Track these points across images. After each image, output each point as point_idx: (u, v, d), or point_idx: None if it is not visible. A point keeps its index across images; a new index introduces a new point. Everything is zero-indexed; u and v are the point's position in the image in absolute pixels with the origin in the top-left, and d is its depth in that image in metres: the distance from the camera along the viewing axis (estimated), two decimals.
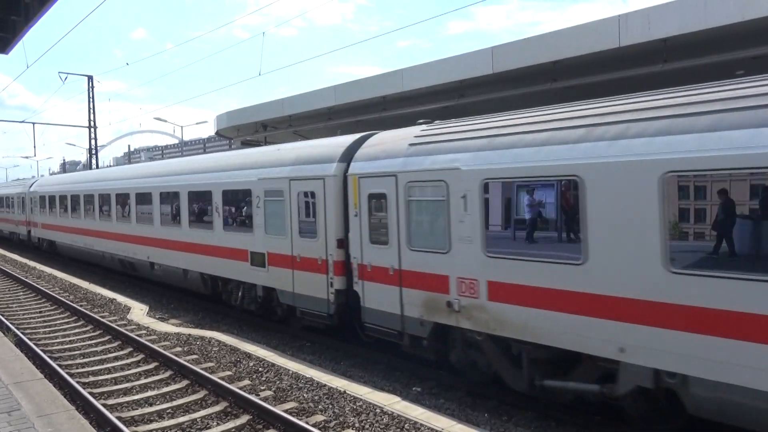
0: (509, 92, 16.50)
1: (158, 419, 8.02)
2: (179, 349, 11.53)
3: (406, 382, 10.00)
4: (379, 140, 10.28)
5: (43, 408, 6.57)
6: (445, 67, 17.35)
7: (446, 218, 8.40)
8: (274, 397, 8.65)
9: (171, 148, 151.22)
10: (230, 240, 13.53)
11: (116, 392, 9.17)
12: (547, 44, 14.71)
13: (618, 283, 6.53)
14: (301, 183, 11.23)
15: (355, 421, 7.57)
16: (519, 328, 7.59)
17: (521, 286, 7.50)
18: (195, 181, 15.14)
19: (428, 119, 10.11)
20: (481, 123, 8.60)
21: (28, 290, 18.75)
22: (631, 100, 7.07)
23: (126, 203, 19.31)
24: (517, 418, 8.38)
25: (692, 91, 6.58)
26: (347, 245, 10.41)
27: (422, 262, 8.86)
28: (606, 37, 13.39)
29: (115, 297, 17.18)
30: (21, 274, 22.18)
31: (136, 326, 13.58)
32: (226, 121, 28.48)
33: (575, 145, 7.00)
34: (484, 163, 7.89)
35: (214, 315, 15.60)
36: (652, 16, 12.68)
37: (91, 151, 43.36)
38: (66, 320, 14.53)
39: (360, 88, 20.35)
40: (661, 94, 6.87)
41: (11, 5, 9.33)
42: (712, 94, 6.30)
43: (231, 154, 15.70)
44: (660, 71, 13.20)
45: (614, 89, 11.46)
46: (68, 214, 24.77)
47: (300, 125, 25.23)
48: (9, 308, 15.94)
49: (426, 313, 8.90)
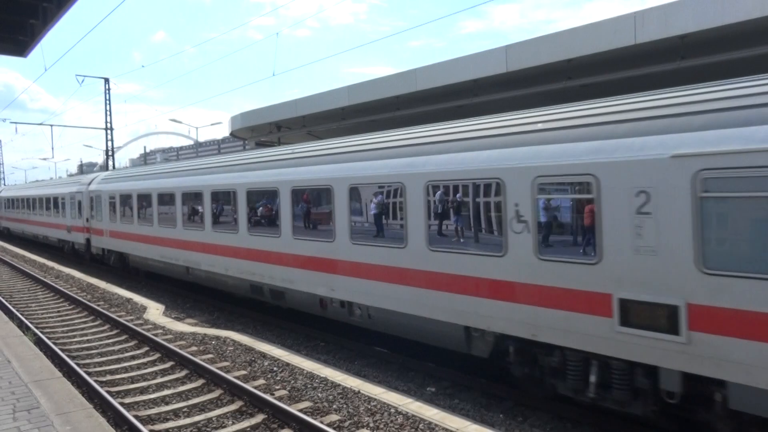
0: (523, 91, 16.39)
1: (174, 418, 8.09)
2: (195, 348, 11.62)
3: (421, 382, 9.99)
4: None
5: (62, 406, 6.65)
6: (458, 67, 17.26)
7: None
8: (288, 396, 8.68)
9: (186, 149, 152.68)
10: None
11: (133, 391, 9.26)
12: (562, 42, 14.58)
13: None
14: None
15: (369, 420, 7.57)
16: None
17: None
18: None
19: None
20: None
21: (47, 290, 19.01)
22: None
23: (271, 207, 12.85)
24: (532, 419, 8.33)
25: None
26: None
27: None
28: (622, 34, 13.24)
29: (132, 296, 17.36)
30: (40, 274, 22.50)
31: (152, 326, 13.71)
32: (241, 122, 28.60)
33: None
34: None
35: (229, 315, 15.70)
36: (669, 13, 12.51)
37: (108, 153, 43.85)
38: (84, 319, 14.70)
39: (373, 88, 20.32)
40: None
41: (29, 9, 9.46)
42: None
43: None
44: (677, 68, 13.04)
45: (630, 87, 11.35)
46: (152, 219, 18.23)
47: (314, 126, 25.29)
48: (28, 308, 16.18)
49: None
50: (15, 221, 40.73)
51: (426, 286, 9.15)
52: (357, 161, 10.69)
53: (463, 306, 8.58)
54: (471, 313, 8.45)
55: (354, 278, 10.54)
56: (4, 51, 11.08)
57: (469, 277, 8.45)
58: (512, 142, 8.08)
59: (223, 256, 14.63)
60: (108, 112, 42.28)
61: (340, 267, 10.87)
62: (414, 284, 9.35)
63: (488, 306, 8.20)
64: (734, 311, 5.93)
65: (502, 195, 7.98)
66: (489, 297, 8.20)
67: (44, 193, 32.22)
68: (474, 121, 9.30)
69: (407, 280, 9.49)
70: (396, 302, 9.73)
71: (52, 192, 30.39)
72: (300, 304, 12.36)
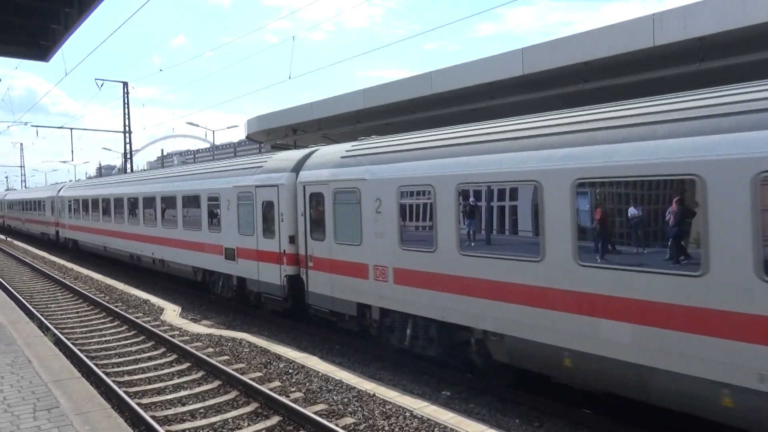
0: (539, 94, 16.31)
1: (191, 419, 8.15)
2: (211, 349, 11.70)
3: (435, 385, 9.95)
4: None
5: (81, 406, 6.73)
6: (474, 70, 17.24)
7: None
8: (304, 398, 8.70)
9: (203, 152, 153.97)
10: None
11: (150, 391, 9.35)
12: (579, 45, 14.49)
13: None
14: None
15: (384, 424, 7.56)
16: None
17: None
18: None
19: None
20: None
21: (66, 291, 19.28)
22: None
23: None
24: (548, 425, 8.26)
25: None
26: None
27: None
28: (640, 36, 13.13)
29: (149, 298, 17.54)
30: (59, 275, 22.83)
31: (169, 327, 13.83)
32: (257, 125, 28.81)
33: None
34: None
35: (245, 317, 15.79)
36: (689, 15, 12.38)
37: (126, 156, 44.39)
38: (102, 320, 14.88)
39: (389, 92, 20.36)
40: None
41: (51, 14, 9.62)
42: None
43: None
44: (696, 71, 12.89)
45: (648, 90, 11.23)
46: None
47: (329, 129, 25.39)
48: (48, 308, 16.42)
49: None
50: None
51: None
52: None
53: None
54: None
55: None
56: (27, 56, 11.30)
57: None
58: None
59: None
60: (126, 115, 42.80)
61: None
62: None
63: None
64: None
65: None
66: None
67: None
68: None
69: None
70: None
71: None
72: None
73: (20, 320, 11.64)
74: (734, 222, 5.87)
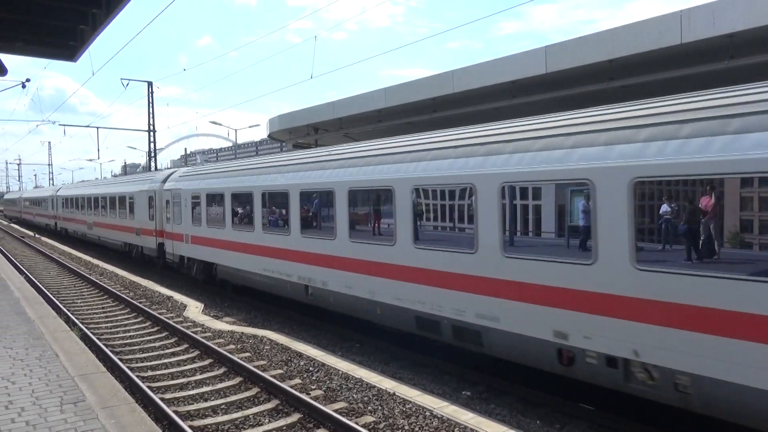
0: (563, 92, 16.12)
1: (213, 414, 8.24)
2: (233, 346, 11.82)
3: (456, 385, 9.91)
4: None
5: (106, 400, 6.84)
6: (496, 68, 17.09)
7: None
8: (324, 396, 8.73)
9: (225, 150, 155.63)
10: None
11: (173, 387, 9.47)
12: (604, 42, 14.27)
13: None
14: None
15: (404, 423, 7.55)
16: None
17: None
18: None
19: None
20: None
21: (92, 287, 19.65)
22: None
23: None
24: (569, 426, 8.17)
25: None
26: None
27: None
28: (667, 33, 12.88)
29: (172, 294, 17.79)
30: (85, 271, 23.27)
31: (191, 323, 14.01)
32: (278, 125, 28.98)
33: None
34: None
35: (266, 314, 15.92)
36: (717, 11, 12.11)
37: (151, 154, 45.07)
38: (126, 316, 15.14)
39: (410, 90, 20.29)
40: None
41: (79, 15, 9.78)
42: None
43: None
44: (725, 68, 12.61)
45: (674, 87, 11.02)
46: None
47: (350, 128, 25.43)
48: (74, 304, 16.75)
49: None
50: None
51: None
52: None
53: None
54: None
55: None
56: (56, 56, 11.51)
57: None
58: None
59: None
60: (151, 114, 43.47)
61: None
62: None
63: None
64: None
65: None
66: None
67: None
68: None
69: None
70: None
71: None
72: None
73: (48, 315, 11.89)
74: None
